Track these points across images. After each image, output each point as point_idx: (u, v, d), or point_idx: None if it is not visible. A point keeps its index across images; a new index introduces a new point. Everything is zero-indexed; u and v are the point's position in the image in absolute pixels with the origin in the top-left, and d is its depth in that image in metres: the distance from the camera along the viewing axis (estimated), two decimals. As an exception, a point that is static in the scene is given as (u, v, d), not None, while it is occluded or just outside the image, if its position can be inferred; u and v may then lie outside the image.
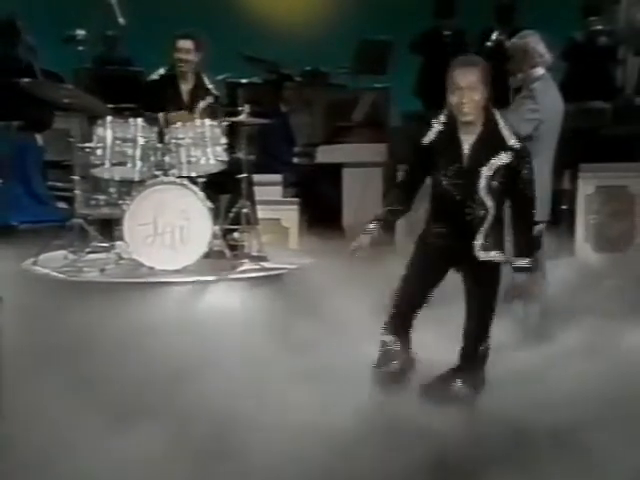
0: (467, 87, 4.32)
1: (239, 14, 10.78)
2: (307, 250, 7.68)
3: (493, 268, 4.56)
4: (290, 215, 8.07)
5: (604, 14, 9.75)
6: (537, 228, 5.82)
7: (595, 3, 9.61)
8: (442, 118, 4.51)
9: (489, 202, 4.41)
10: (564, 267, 7.51)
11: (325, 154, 9.17)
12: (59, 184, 8.09)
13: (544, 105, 5.74)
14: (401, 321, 4.67)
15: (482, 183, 4.39)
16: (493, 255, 4.50)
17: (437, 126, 4.50)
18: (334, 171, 9.25)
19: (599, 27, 9.48)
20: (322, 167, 9.37)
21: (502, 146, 4.39)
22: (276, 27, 10.70)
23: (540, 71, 5.84)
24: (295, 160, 9.43)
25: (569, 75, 9.31)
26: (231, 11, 10.71)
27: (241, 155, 6.80)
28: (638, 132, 8.88)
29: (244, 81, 9.85)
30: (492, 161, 4.37)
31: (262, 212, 7.43)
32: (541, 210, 5.95)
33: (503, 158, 4.37)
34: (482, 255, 4.48)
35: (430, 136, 4.49)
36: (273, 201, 7.87)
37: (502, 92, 6.18)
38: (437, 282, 4.67)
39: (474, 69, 4.38)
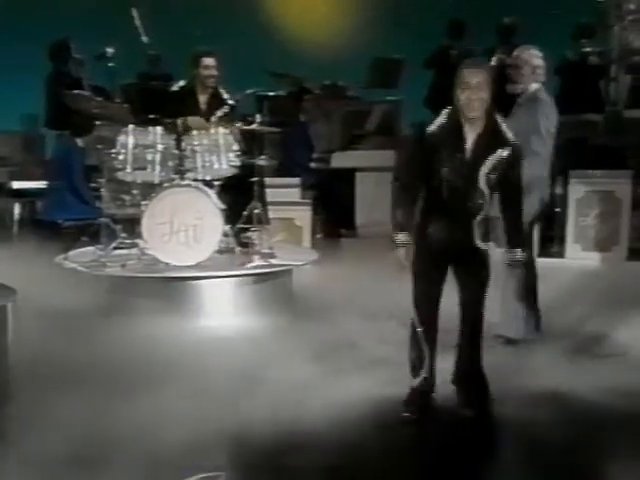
0: (475, 86, 4.04)
1: (266, 36, 10.47)
2: (318, 248, 7.30)
3: (485, 260, 4.20)
4: (303, 215, 7.75)
5: (596, 37, 9.34)
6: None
7: (585, 28, 9.23)
8: (447, 112, 4.15)
9: (486, 191, 4.11)
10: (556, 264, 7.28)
11: (339, 159, 8.75)
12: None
13: (549, 113, 5.42)
14: (426, 324, 4.23)
15: (482, 174, 4.09)
16: (487, 245, 4.19)
17: (441, 119, 4.14)
18: (348, 175, 8.79)
19: (590, 48, 9.14)
20: (338, 171, 8.93)
21: (502, 142, 4.13)
22: (299, 46, 10.37)
23: (537, 84, 5.49)
24: (313, 165, 8.99)
25: (563, 90, 8.96)
26: (259, 33, 10.41)
27: (254, 160, 6.36)
28: (626, 142, 8.54)
29: (271, 94, 9.48)
30: (493, 155, 4.09)
31: (277, 212, 7.15)
32: (539, 207, 5.49)
33: (502, 152, 4.11)
34: (480, 244, 4.14)
35: (434, 126, 4.12)
36: (287, 202, 7.48)
37: (503, 102, 5.70)
38: (443, 280, 4.23)
39: (482, 70, 4.13)
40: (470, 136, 4.12)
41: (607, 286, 6.52)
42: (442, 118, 4.13)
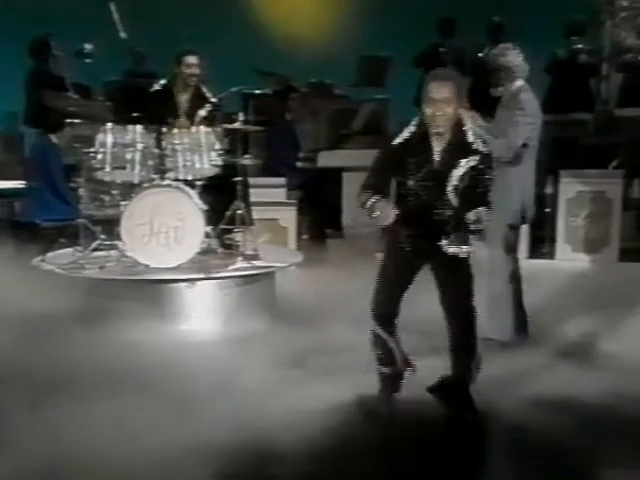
0: (440, 100, 3.94)
1: (253, 34, 10.24)
2: (303, 249, 7.20)
3: (463, 263, 4.12)
4: (288, 215, 7.61)
5: (586, 34, 9.27)
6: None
7: (577, 25, 9.14)
8: (415, 123, 4.06)
9: (455, 202, 4.02)
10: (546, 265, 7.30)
11: (325, 159, 8.61)
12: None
13: (532, 114, 5.28)
14: (383, 324, 4.28)
15: (450, 185, 4.01)
16: (461, 249, 4.06)
17: (409, 129, 4.05)
18: (335, 175, 8.65)
19: (580, 46, 9.06)
20: (324, 171, 8.77)
21: (470, 150, 4.02)
22: (286, 44, 10.16)
23: (520, 82, 5.34)
24: (299, 164, 8.85)
25: (553, 88, 8.90)
26: (246, 31, 10.18)
27: (237, 159, 6.20)
28: (616, 141, 8.46)
29: (256, 92, 9.37)
30: (461, 164, 4.00)
31: (262, 213, 7.00)
32: (529, 211, 5.41)
33: (471, 161, 4.00)
34: (450, 250, 4.03)
35: (401, 138, 4.04)
36: (272, 202, 7.33)
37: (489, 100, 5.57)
38: (409, 283, 4.23)
39: (448, 84, 3.97)
40: (437, 147, 4.02)
41: (598, 287, 6.49)
42: (411, 127, 4.04)
